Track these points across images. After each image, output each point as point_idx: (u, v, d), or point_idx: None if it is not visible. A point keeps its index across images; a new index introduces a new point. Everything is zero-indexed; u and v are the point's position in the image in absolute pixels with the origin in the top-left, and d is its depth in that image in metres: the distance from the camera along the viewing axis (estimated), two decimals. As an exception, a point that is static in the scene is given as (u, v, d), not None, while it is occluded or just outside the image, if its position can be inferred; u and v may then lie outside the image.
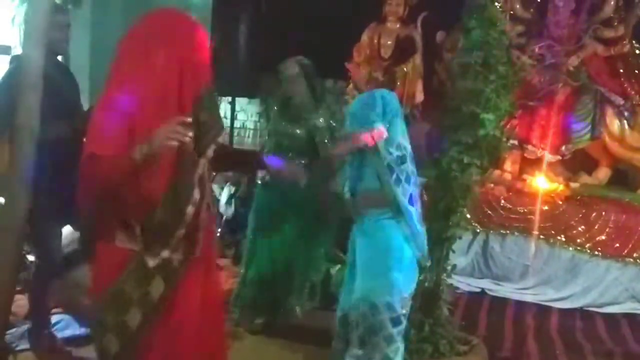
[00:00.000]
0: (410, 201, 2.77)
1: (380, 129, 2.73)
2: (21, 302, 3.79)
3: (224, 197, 6.23)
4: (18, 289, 3.72)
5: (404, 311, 2.78)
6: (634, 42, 5.79)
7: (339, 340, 2.98)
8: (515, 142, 5.79)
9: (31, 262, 4.07)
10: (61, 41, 3.30)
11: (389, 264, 2.75)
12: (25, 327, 3.52)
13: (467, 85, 3.35)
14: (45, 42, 2.85)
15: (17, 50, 4.60)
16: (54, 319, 3.67)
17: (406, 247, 2.79)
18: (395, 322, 2.74)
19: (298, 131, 3.83)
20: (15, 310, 3.53)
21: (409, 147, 2.84)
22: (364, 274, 2.82)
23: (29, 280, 4.00)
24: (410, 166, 2.80)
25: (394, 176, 2.73)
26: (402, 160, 2.76)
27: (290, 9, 6.62)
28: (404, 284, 2.77)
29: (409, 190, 2.76)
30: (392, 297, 2.72)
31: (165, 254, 1.98)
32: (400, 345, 2.80)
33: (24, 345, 3.41)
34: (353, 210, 2.97)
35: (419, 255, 2.85)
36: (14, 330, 3.44)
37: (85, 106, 3.47)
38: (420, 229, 2.84)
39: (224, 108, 7.90)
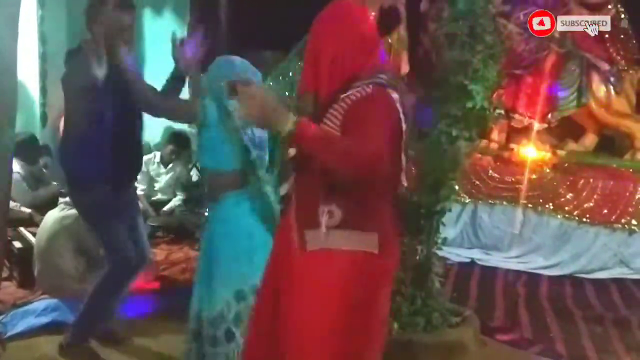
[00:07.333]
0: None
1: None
2: (10, 290, 3.76)
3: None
4: (4, 276, 3.70)
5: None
6: (618, 6, 5.76)
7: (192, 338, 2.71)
8: (502, 112, 5.75)
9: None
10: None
11: (239, 255, 2.58)
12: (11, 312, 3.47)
13: (454, 56, 3.29)
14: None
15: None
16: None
17: (258, 231, 2.60)
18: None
19: None
20: (3, 298, 3.50)
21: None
22: (220, 265, 2.62)
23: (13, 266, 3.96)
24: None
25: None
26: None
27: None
28: (255, 273, 2.42)
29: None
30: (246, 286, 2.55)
31: None
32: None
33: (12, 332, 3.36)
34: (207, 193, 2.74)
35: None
36: (2, 317, 3.40)
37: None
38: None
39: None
